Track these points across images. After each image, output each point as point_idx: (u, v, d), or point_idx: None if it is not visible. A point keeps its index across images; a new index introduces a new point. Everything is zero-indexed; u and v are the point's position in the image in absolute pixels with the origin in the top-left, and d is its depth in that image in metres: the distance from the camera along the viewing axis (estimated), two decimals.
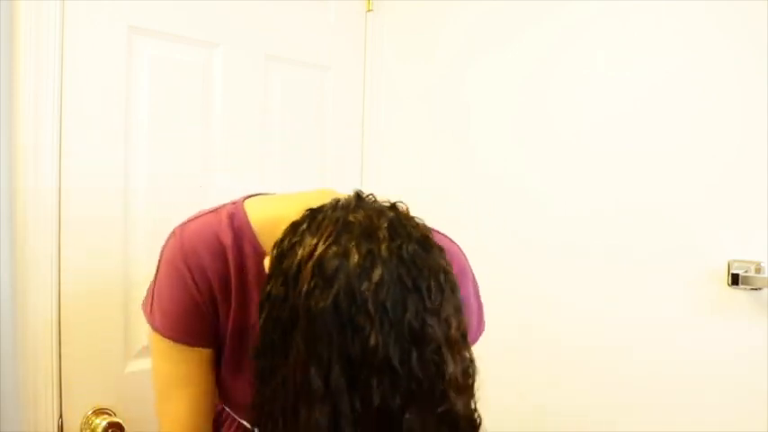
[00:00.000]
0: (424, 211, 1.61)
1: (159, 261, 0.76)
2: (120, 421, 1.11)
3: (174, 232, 0.76)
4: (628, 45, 1.23)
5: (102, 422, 1.10)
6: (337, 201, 0.62)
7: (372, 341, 0.52)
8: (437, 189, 1.50)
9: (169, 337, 0.75)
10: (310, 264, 0.54)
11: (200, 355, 0.77)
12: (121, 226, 1.17)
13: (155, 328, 0.76)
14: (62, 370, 1.10)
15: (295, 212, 0.71)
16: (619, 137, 1.24)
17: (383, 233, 0.56)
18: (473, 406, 0.61)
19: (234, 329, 0.76)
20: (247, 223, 0.75)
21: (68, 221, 1.10)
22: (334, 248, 0.54)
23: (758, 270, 1.07)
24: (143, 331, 1.17)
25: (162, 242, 0.77)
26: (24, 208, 1.05)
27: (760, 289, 1.07)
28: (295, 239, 0.58)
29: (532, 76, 1.36)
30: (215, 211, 0.76)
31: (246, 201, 0.78)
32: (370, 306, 0.52)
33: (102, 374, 1.14)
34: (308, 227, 0.58)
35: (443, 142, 1.50)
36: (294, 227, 0.60)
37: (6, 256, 1.04)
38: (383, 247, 0.55)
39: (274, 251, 0.60)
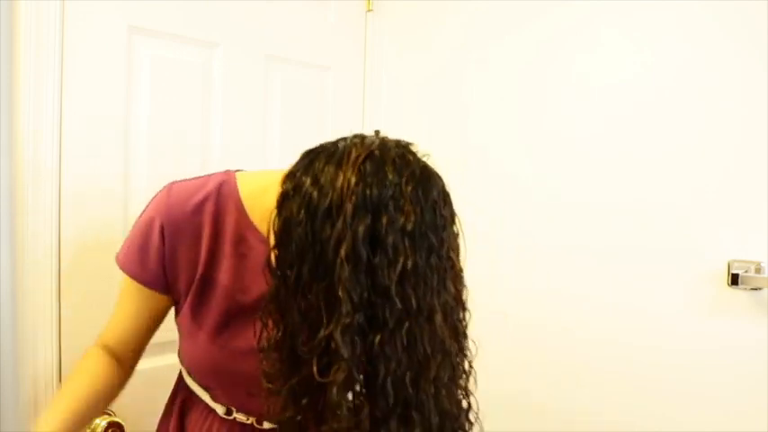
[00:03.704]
0: None
1: (146, 207, 0.84)
2: (120, 421, 1.11)
3: (166, 186, 0.84)
4: (632, 47, 1.23)
5: (102, 422, 1.10)
6: (336, 140, 0.73)
7: (409, 221, 0.63)
8: None
9: (126, 270, 0.83)
10: (347, 191, 0.64)
11: (152, 301, 0.85)
12: (121, 226, 1.17)
13: (117, 261, 0.84)
14: (62, 370, 1.10)
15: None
16: (619, 136, 1.24)
17: (393, 146, 0.70)
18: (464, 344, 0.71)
19: (199, 281, 0.81)
20: (235, 187, 0.82)
21: (68, 223, 1.10)
22: (364, 171, 0.65)
23: (758, 270, 1.07)
24: None
25: None
26: (24, 211, 1.05)
27: (760, 289, 1.07)
28: (310, 172, 0.67)
29: (534, 74, 1.36)
30: (208, 176, 0.84)
31: (238, 172, 0.86)
32: (405, 194, 0.64)
33: None
34: (326, 159, 0.68)
35: (444, 142, 1.50)
36: (301, 166, 0.70)
37: (7, 257, 1.04)
38: (407, 155, 0.70)
39: (285, 185, 0.68)
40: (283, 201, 0.68)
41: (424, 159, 0.73)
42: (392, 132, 0.80)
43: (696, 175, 1.15)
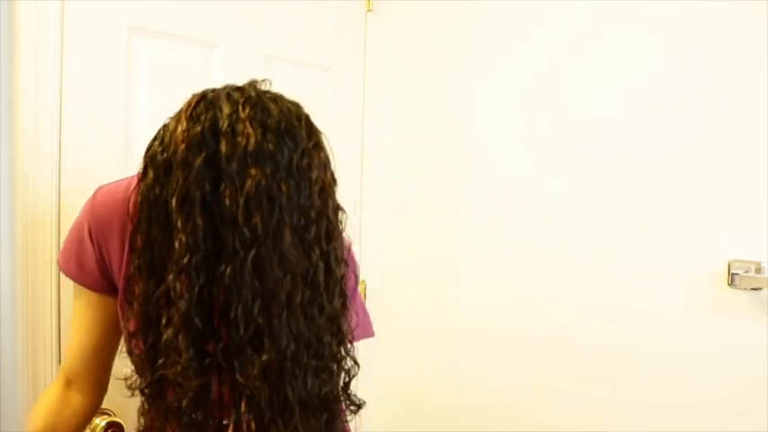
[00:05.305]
0: (425, 211, 1.61)
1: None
2: (120, 421, 1.11)
3: (93, 192, 0.83)
4: (632, 47, 1.23)
5: (101, 422, 1.10)
6: None
7: (250, 142, 0.64)
8: (438, 189, 1.50)
9: (66, 273, 0.83)
10: (180, 137, 0.66)
11: (102, 305, 0.83)
12: None
13: (58, 264, 0.85)
14: None
15: None
16: (619, 136, 1.24)
17: (231, 86, 0.72)
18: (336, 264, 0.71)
19: (125, 281, 0.80)
20: None
21: (69, 225, 1.09)
22: (201, 106, 0.69)
23: (758, 270, 1.07)
24: None
25: None
26: (24, 213, 1.05)
27: (760, 289, 1.07)
28: (158, 137, 0.71)
29: (534, 74, 1.36)
30: (132, 176, 0.83)
31: None
32: (242, 118, 0.65)
33: None
34: (170, 119, 0.71)
35: (444, 142, 1.50)
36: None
37: (7, 257, 1.04)
38: (245, 87, 0.71)
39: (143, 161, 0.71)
40: (142, 176, 0.68)
41: (267, 87, 0.73)
42: (391, 132, 0.79)
43: (696, 176, 1.15)
